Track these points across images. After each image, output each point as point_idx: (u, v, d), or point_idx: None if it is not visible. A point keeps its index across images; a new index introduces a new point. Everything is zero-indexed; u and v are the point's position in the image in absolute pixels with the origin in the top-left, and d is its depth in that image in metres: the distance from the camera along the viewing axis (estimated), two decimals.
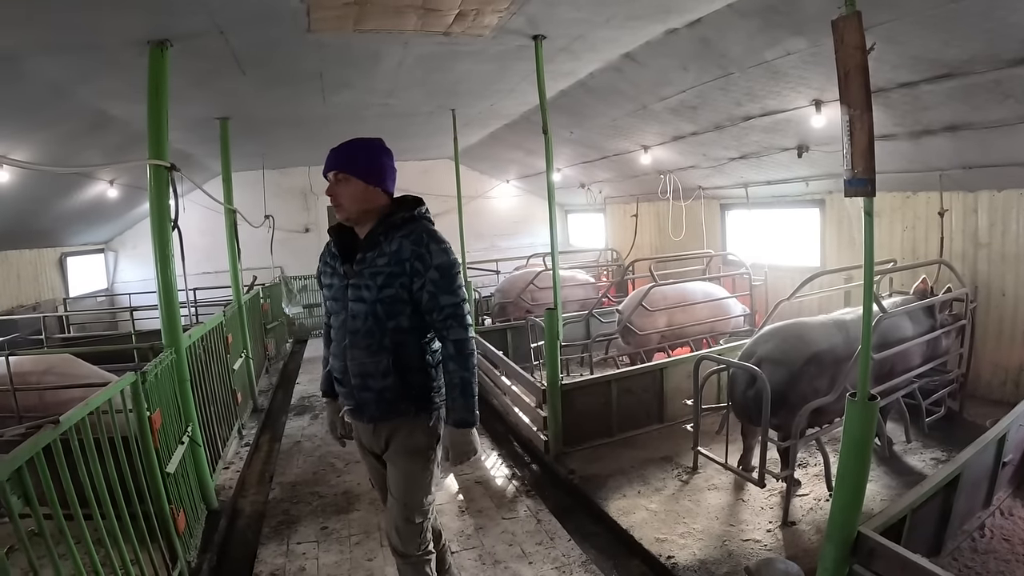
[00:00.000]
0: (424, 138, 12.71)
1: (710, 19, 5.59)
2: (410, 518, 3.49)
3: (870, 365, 3.35)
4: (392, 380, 3.37)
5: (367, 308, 3.34)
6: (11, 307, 10.76)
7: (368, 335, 3.36)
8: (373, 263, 3.33)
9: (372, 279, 3.32)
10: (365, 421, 3.54)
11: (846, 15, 3.03)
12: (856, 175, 3.06)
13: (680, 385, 6.89)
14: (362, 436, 3.68)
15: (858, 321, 5.29)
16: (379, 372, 3.36)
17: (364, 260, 3.37)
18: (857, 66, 3.02)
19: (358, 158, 3.47)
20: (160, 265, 5.34)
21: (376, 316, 3.33)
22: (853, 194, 3.13)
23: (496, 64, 6.95)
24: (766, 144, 8.26)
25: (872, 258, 3.21)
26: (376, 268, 3.32)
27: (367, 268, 3.34)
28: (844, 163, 3.11)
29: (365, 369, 3.39)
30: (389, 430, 3.51)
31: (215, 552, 5.13)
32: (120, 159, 9.01)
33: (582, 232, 17.24)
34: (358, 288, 3.37)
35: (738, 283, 10.05)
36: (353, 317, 3.39)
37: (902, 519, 3.74)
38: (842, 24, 3.05)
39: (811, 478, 5.61)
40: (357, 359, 3.41)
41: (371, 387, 3.40)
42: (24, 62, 5.46)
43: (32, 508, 2.85)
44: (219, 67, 6.27)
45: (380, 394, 3.39)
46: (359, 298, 3.36)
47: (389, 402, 3.41)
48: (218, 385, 6.92)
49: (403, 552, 3.54)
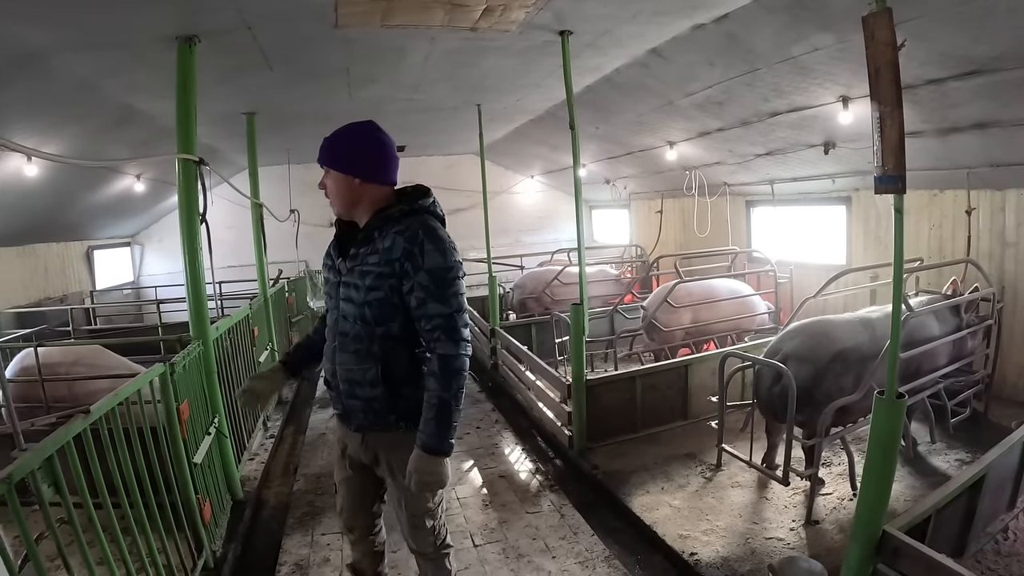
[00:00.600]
0: (449, 133, 12.76)
1: (737, 14, 5.56)
2: (418, 525, 3.33)
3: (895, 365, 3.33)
4: (381, 391, 3.10)
5: (356, 310, 3.09)
6: (39, 299, 10.88)
7: (356, 340, 3.12)
8: (364, 261, 3.06)
9: (361, 279, 3.05)
10: (352, 428, 3.31)
11: (876, 11, 3.00)
12: (887, 172, 3.04)
13: (704, 382, 6.88)
14: (348, 443, 3.42)
15: (884, 319, 5.28)
16: (367, 381, 3.10)
17: (356, 256, 3.11)
18: (888, 62, 3.00)
19: (340, 150, 3.20)
20: (188, 258, 5.38)
21: (364, 320, 3.08)
22: (883, 191, 3.10)
23: (522, 59, 6.95)
24: (792, 140, 8.20)
25: (902, 255, 3.18)
26: (367, 267, 3.05)
27: (358, 266, 3.08)
28: (874, 160, 3.09)
29: (352, 376, 3.15)
30: (379, 444, 3.26)
31: (240, 542, 5.17)
32: (147, 154, 9.09)
33: (606, 228, 17.19)
34: (348, 287, 3.13)
35: (763, 280, 10.00)
36: (344, 318, 3.17)
37: (926, 519, 3.71)
38: (872, 20, 3.02)
39: (835, 477, 5.58)
40: (345, 364, 3.17)
41: (359, 395, 3.15)
42: (53, 58, 5.52)
43: (62, 497, 2.89)
44: (246, 63, 6.31)
45: (368, 403, 3.14)
46: (349, 298, 3.12)
47: (377, 413, 3.15)
48: (244, 377, 6.96)
49: (419, 551, 3.44)
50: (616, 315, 9.58)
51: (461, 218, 16.58)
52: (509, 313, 12.25)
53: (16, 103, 6.03)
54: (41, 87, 6.00)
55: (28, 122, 6.44)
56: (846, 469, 5.38)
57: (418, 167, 16.25)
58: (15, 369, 6.37)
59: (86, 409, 3.27)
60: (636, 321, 9.21)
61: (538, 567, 4.75)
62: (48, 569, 2.67)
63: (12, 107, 6.06)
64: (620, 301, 9.93)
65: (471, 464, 6.78)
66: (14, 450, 2.71)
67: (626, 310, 9.59)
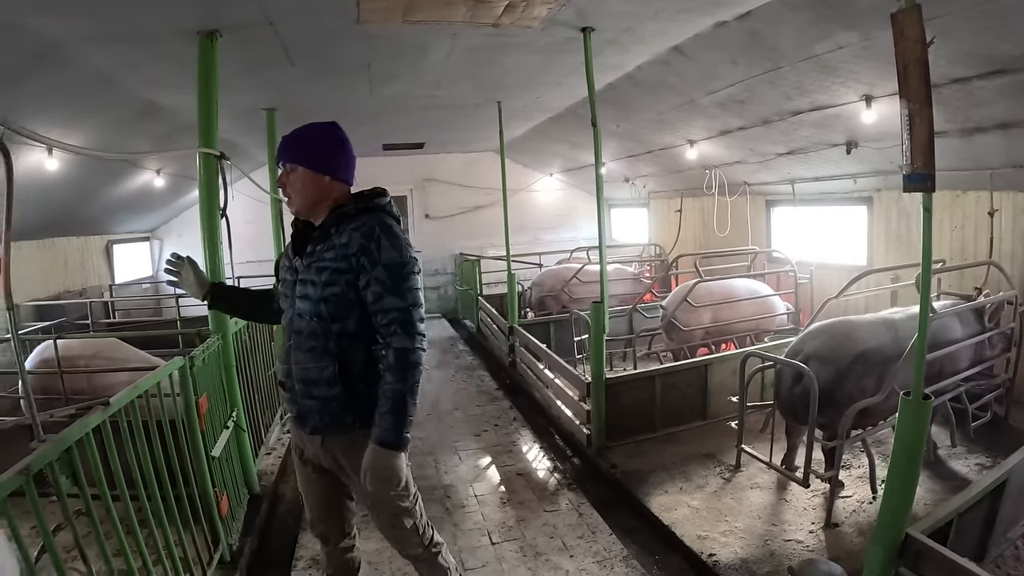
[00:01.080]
0: (469, 130, 12.72)
1: (760, 12, 5.50)
2: (396, 525, 3.27)
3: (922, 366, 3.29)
4: (338, 390, 3.06)
5: (311, 307, 3.06)
6: (58, 292, 10.95)
7: (312, 337, 3.09)
8: (321, 257, 3.05)
9: (318, 275, 3.03)
10: (307, 432, 3.23)
11: (906, 7, 2.96)
12: (915, 170, 3.00)
13: (724, 382, 6.83)
14: (305, 447, 3.35)
15: (907, 320, 5.24)
16: (324, 380, 3.07)
17: (313, 254, 3.09)
18: (917, 60, 2.96)
19: (305, 145, 3.21)
20: (208, 252, 5.40)
21: (320, 316, 3.05)
22: (912, 189, 3.07)
23: (544, 56, 6.92)
24: (814, 140, 8.13)
25: (930, 255, 3.13)
26: (323, 263, 3.03)
27: (315, 263, 3.06)
28: (903, 158, 3.05)
29: (309, 375, 3.11)
30: (337, 449, 3.20)
31: (256, 536, 5.19)
32: (168, 148, 9.12)
33: (626, 227, 17.12)
34: (305, 284, 3.09)
35: (783, 280, 9.94)
36: (299, 316, 3.12)
37: (948, 523, 3.66)
38: (901, 17, 2.98)
39: (855, 480, 5.53)
40: (301, 363, 3.13)
41: (315, 395, 3.11)
42: (74, 51, 5.54)
43: (80, 488, 2.90)
44: (267, 58, 6.31)
45: (325, 403, 3.10)
46: (305, 295, 3.09)
47: (335, 413, 3.10)
48: (262, 372, 7.00)
49: (409, 554, 3.42)
50: (635, 314, 9.54)
51: (480, 216, 16.60)
52: (527, 311, 12.24)
53: (36, 96, 6.06)
54: (61, 81, 6.02)
55: (48, 115, 6.47)
56: (866, 472, 5.34)
57: (437, 164, 16.28)
58: (35, 361, 6.42)
59: (105, 401, 3.29)
60: (655, 320, 9.18)
61: (556, 566, 4.73)
62: (64, 560, 2.68)
63: (32, 101, 6.09)
64: (640, 300, 9.90)
65: (489, 461, 6.77)
66: (33, 441, 2.72)
67: (645, 309, 9.55)
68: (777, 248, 10.18)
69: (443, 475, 6.45)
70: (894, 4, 3.02)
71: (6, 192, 2.66)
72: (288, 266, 3.26)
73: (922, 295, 3.22)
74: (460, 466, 6.66)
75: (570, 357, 8.61)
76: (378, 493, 3.04)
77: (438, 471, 6.55)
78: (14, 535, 2.36)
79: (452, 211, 16.74)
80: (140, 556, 3.41)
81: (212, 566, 4.40)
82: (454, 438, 7.47)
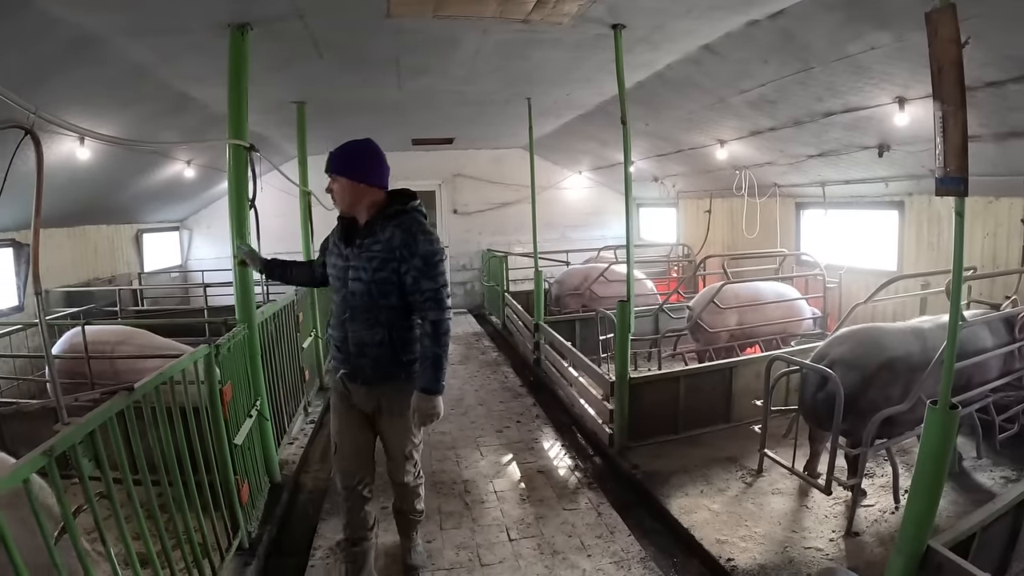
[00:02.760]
0: (498, 126, 12.73)
1: (793, 11, 5.44)
2: (407, 455, 4.28)
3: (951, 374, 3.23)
4: (386, 350, 3.98)
5: (364, 288, 3.91)
6: (88, 279, 11.10)
7: (365, 311, 3.95)
8: (369, 248, 3.90)
9: (368, 263, 3.88)
10: (359, 383, 4.12)
11: (940, 7, 2.91)
12: (948, 173, 2.95)
13: (749, 385, 6.77)
14: (354, 396, 4.20)
15: (936, 330, 5.16)
16: (375, 342, 3.96)
17: (362, 246, 3.94)
18: (952, 61, 2.91)
19: (346, 161, 3.99)
20: (237, 242, 5.43)
21: (371, 294, 3.90)
22: (944, 193, 3.01)
23: (573, 53, 6.90)
24: (846, 142, 8.04)
25: (961, 260, 3.07)
26: (372, 253, 3.89)
27: (364, 252, 3.91)
28: (936, 161, 3.00)
29: (362, 339, 3.99)
30: (383, 393, 4.11)
31: (276, 524, 5.24)
32: (199, 138, 9.20)
33: (653, 226, 17.04)
34: (356, 270, 3.93)
35: (811, 284, 9.86)
36: (352, 294, 3.97)
37: (971, 537, 3.61)
38: (936, 17, 2.94)
39: (877, 489, 5.46)
40: (356, 331, 4.00)
41: (367, 354, 4.00)
42: (108, 43, 5.60)
43: (102, 471, 2.92)
44: (298, 51, 6.35)
45: (376, 361, 4.00)
46: (357, 278, 3.93)
47: (384, 368, 4.02)
48: (287, 362, 7.04)
49: (403, 482, 4.37)
50: (661, 314, 9.49)
51: (508, 212, 16.60)
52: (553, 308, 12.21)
53: (72, 87, 6.13)
54: (97, 73, 6.10)
55: (82, 106, 6.53)
56: (889, 481, 5.27)
57: (466, 160, 16.30)
58: (64, 346, 6.51)
59: (130, 386, 3.32)
60: (681, 321, 9.13)
61: (573, 564, 4.71)
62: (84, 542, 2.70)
63: (68, 91, 6.15)
64: (667, 299, 9.85)
65: (510, 458, 6.76)
66: (57, 423, 2.74)
67: (671, 310, 9.50)
68: (806, 251, 10.09)
69: (464, 470, 6.45)
70: (927, 4, 2.97)
71: (36, 180, 2.68)
72: (338, 253, 4.08)
73: (952, 301, 3.17)
74: (481, 461, 6.66)
75: (595, 356, 8.57)
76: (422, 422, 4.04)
77: (459, 465, 6.55)
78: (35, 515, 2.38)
79: (480, 207, 16.77)
80: (159, 540, 3.44)
81: (230, 553, 4.44)
82: (477, 433, 7.46)
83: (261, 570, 4.66)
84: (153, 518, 3.40)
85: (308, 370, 8.24)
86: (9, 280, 8.87)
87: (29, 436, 4.23)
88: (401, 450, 4.26)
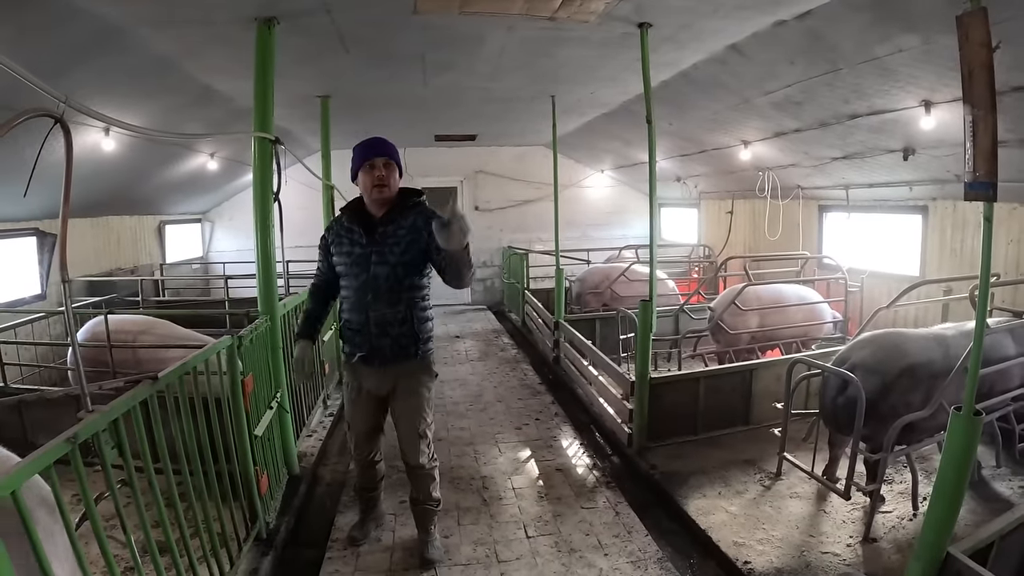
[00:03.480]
0: (522, 124, 12.73)
1: (820, 11, 5.41)
2: (422, 434, 4.51)
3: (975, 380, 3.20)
4: (407, 327, 4.33)
5: (389, 270, 4.23)
6: (110, 269, 11.21)
7: (389, 291, 4.26)
8: (394, 235, 4.27)
9: (396, 246, 4.24)
10: (376, 366, 4.39)
11: (972, 10, 2.89)
12: (978, 178, 2.93)
13: (769, 388, 6.73)
14: (366, 382, 4.51)
15: (959, 337, 5.10)
16: (397, 320, 4.30)
17: (386, 233, 4.28)
18: (982, 64, 2.89)
19: (396, 151, 4.38)
20: (260, 235, 5.49)
21: (396, 276, 4.24)
22: (973, 198, 2.99)
23: (599, 51, 6.88)
24: (871, 145, 7.98)
25: (988, 265, 3.05)
26: (397, 238, 4.26)
27: (389, 239, 4.26)
28: (965, 166, 2.97)
29: (385, 318, 4.28)
30: (399, 374, 4.42)
31: (293, 516, 5.28)
32: (225, 131, 9.25)
33: (675, 226, 16.97)
34: (381, 255, 4.25)
35: (833, 288, 9.79)
36: (375, 277, 4.25)
37: (989, 545, 3.58)
38: (967, 20, 2.92)
39: (895, 495, 5.41)
40: (379, 310, 4.28)
41: (389, 333, 4.31)
42: (132, 34, 5.64)
43: (124, 459, 2.95)
44: (323, 45, 6.37)
45: (396, 340, 4.33)
46: (383, 262, 4.24)
47: (402, 347, 4.35)
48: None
49: (417, 463, 4.54)
50: (682, 315, 9.47)
51: (530, 209, 16.60)
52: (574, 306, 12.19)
53: (97, 78, 6.18)
54: (123, 63, 6.14)
55: (107, 97, 6.55)
56: (908, 487, 5.23)
57: (488, 157, 16.30)
58: (86, 335, 6.56)
59: (154, 376, 3.34)
60: (702, 322, 9.09)
61: (590, 563, 4.71)
62: (104, 528, 2.72)
63: (93, 82, 6.20)
64: (687, 300, 9.82)
65: (528, 455, 6.76)
66: (80, 411, 2.76)
67: (692, 310, 9.46)
68: (828, 255, 10.02)
69: (482, 466, 6.46)
70: (956, 7, 2.95)
71: (65, 169, 2.70)
72: (354, 242, 4.35)
73: (979, 306, 3.14)
74: (499, 458, 6.66)
75: (614, 355, 8.55)
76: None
77: (477, 462, 6.56)
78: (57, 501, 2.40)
79: (502, 204, 16.78)
80: (178, 528, 3.47)
81: (248, 543, 4.48)
82: (495, 430, 7.48)
83: (278, 561, 4.69)
84: (173, 506, 3.43)
85: (328, 363, 8.27)
86: (32, 269, 8.95)
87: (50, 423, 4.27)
88: (415, 429, 4.49)
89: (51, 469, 2.39)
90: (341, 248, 4.41)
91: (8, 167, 6.51)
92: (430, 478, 4.66)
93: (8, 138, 2.42)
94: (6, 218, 8.23)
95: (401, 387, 4.45)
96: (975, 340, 3.13)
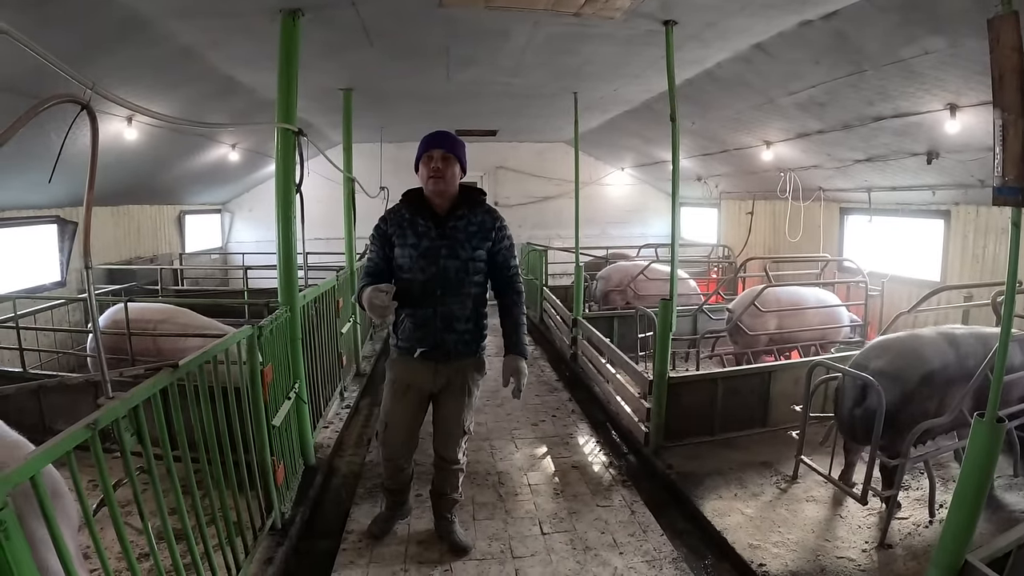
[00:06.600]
0: (544, 120, 12.74)
1: (847, 12, 5.38)
2: (466, 430, 4.60)
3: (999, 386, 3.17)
4: (472, 324, 4.38)
5: (460, 264, 4.22)
6: (130, 258, 11.32)
7: (459, 285, 4.24)
8: (465, 230, 4.26)
9: (468, 241, 4.24)
10: (437, 360, 4.36)
11: (1003, 14, 2.85)
12: (1007, 183, 2.89)
13: (786, 390, 6.69)
14: (417, 377, 4.45)
15: (968, 338, 5.06)
16: (464, 316, 4.32)
17: (456, 227, 4.25)
18: (1013, 68, 2.84)
19: (460, 147, 4.32)
20: (282, 226, 5.50)
21: (466, 271, 4.24)
22: (1002, 203, 2.95)
23: (624, 48, 6.86)
24: (895, 148, 7.92)
25: (1016, 271, 3.02)
26: (468, 233, 4.25)
27: (460, 233, 4.24)
28: (994, 170, 2.94)
29: (453, 313, 4.28)
30: (457, 370, 4.44)
31: (309, 506, 5.29)
32: (248, 121, 9.29)
33: (694, 226, 16.92)
34: (452, 248, 4.21)
35: (853, 291, 9.73)
36: (445, 270, 4.21)
37: (1007, 554, 3.54)
38: (998, 23, 2.88)
39: (911, 502, 5.36)
40: (447, 304, 4.26)
41: (455, 328, 4.31)
42: (157, 24, 5.65)
43: (143, 446, 2.95)
44: (348, 38, 6.38)
45: (461, 335, 4.34)
46: (454, 255, 4.21)
47: (465, 343, 4.38)
48: (326, 346, 7.09)
49: (455, 458, 4.63)
50: (700, 315, 9.43)
51: (550, 206, 16.60)
52: (592, 304, 12.15)
53: (121, 68, 6.21)
54: (147, 54, 6.16)
55: (131, 87, 6.55)
56: (924, 494, 5.19)
57: (508, 152, 16.31)
58: (106, 322, 6.61)
59: (174, 364, 3.35)
60: (720, 323, 9.05)
61: (604, 561, 4.70)
62: (121, 515, 2.73)
63: (117, 72, 6.22)
64: (706, 300, 9.78)
65: (544, 452, 6.76)
66: (100, 397, 2.77)
67: (711, 311, 9.42)
68: (849, 257, 9.96)
69: (498, 461, 6.46)
70: (986, 10, 2.92)
71: (91, 155, 2.70)
72: (422, 234, 4.26)
73: (1004, 312, 3.11)
74: (516, 454, 6.66)
75: (632, 353, 8.52)
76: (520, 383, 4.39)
77: (493, 457, 6.57)
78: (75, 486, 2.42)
79: (521, 200, 16.79)
80: (195, 516, 3.48)
81: (263, 532, 4.50)
82: (512, 426, 7.47)
83: (293, 551, 4.71)
84: (190, 494, 3.44)
85: (346, 355, 8.29)
86: (52, 256, 9.02)
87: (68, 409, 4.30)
88: (461, 425, 4.54)
89: (71, 454, 2.40)
90: (405, 240, 4.27)
91: (32, 155, 6.55)
92: (461, 472, 4.75)
93: (33, 125, 2.42)
94: (28, 205, 8.29)
95: (455, 383, 4.47)
96: (1000, 346, 3.09)
